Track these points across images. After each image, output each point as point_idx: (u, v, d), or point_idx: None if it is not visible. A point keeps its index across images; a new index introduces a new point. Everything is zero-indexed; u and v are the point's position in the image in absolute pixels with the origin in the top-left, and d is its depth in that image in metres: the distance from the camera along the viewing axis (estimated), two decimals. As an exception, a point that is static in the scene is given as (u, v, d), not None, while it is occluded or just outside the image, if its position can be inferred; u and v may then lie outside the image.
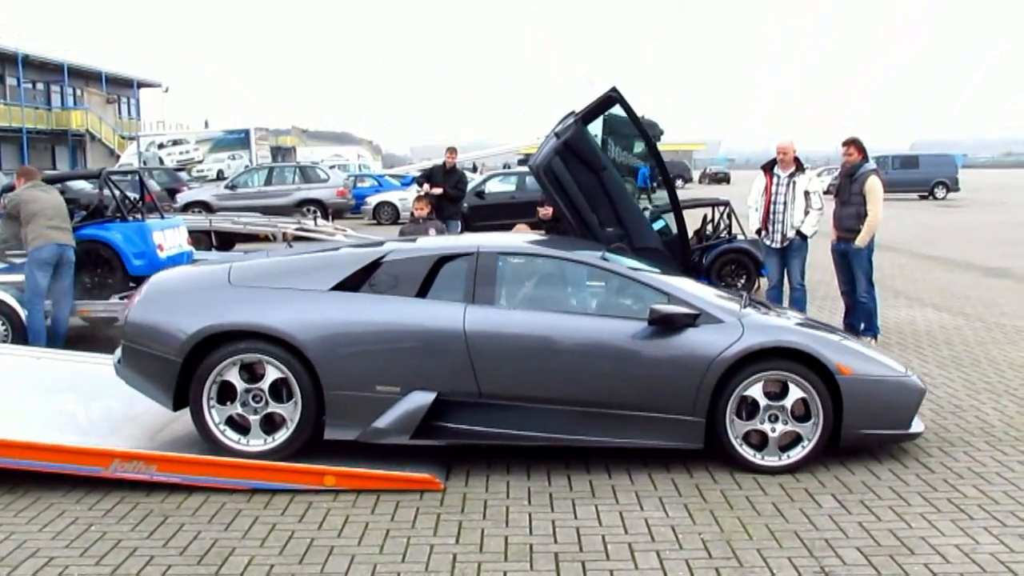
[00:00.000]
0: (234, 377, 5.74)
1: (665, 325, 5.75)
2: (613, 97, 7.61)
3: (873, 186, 9.39)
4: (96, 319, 9.95)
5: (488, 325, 5.78)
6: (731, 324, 5.83)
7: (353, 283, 5.98)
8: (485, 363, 5.72)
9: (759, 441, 5.79)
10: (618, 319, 5.92)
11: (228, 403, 5.78)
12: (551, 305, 6.17)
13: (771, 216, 9.65)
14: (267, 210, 22.13)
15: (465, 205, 20.36)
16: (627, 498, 5.37)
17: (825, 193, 11.61)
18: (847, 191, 9.60)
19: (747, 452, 5.76)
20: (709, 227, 13.71)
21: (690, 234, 13.14)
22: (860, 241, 9.43)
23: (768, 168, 9.79)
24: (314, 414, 5.72)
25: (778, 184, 9.61)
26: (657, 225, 8.34)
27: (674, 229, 8.07)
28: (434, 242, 6.68)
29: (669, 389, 5.74)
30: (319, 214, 23.77)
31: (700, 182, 69.71)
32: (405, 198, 28.38)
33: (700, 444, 5.78)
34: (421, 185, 15.40)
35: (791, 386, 5.74)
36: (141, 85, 64.56)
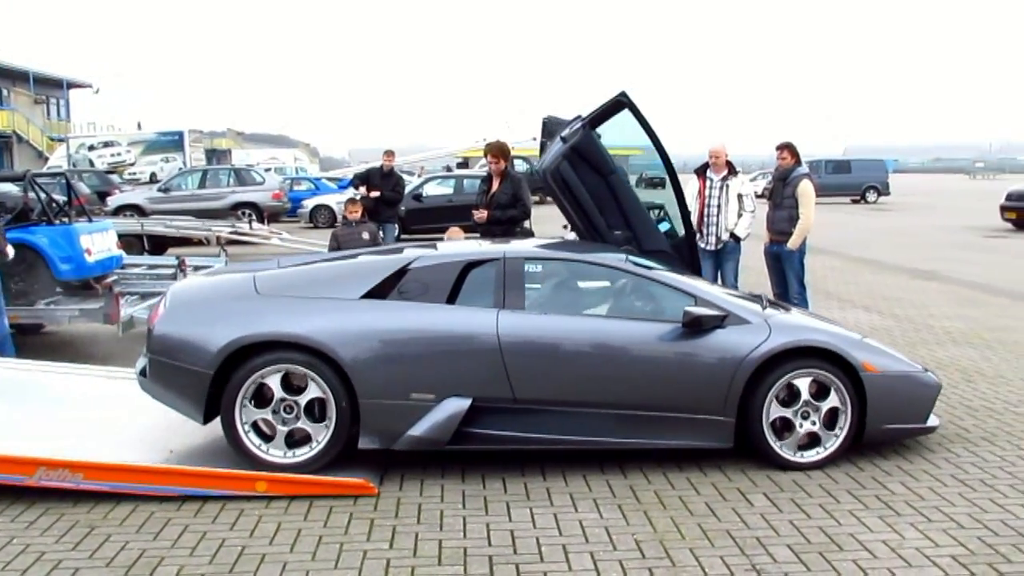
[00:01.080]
0: (268, 387, 5.63)
1: (696, 327, 5.82)
2: (622, 102, 7.60)
3: (805, 190, 9.55)
4: (22, 325, 9.72)
5: (521, 330, 5.78)
6: (758, 325, 5.93)
7: (382, 291, 5.94)
8: (519, 368, 5.71)
9: (790, 438, 5.91)
10: (648, 322, 5.97)
11: (260, 414, 5.66)
12: (580, 309, 6.20)
13: (705, 219, 9.76)
14: (201, 213, 21.81)
15: (402, 208, 20.29)
16: (561, 500, 5.38)
17: (759, 197, 11.77)
18: (780, 195, 9.75)
19: (783, 450, 5.88)
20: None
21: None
22: (792, 244, 9.57)
23: (701, 172, 9.91)
24: (348, 424, 5.64)
25: (711, 187, 9.73)
26: (663, 227, 8.38)
27: (679, 231, 8.11)
28: (457, 248, 6.65)
29: (701, 390, 5.82)
30: (254, 217, 23.54)
31: (637, 186, 69.80)
32: (342, 201, 28.06)
33: (730, 443, 5.86)
34: (356, 187, 15.30)
35: (822, 384, 5.89)
36: (71, 85, 63.34)
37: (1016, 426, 6.77)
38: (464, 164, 48.97)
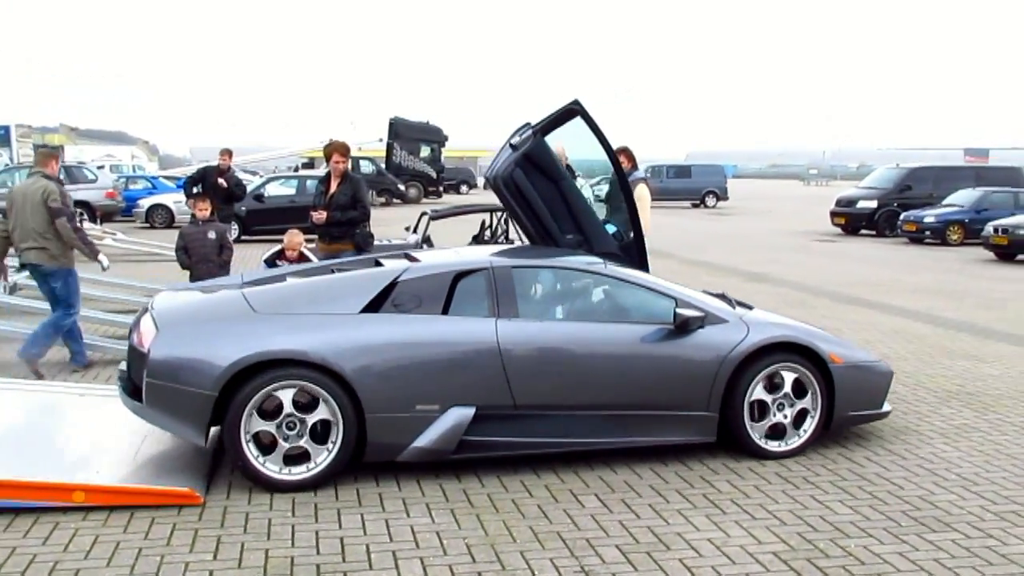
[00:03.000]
0: (270, 402, 5.44)
1: (685, 328, 6.03)
2: (575, 110, 7.62)
3: (641, 194, 9.72)
4: None
5: (518, 337, 5.85)
6: (735, 323, 6.23)
7: (377, 304, 5.84)
8: (519, 375, 5.79)
9: (769, 429, 6.22)
10: (637, 324, 6.14)
11: (265, 433, 5.47)
12: (571, 314, 6.37)
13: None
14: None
15: (243, 208, 19.81)
16: (394, 505, 5.32)
17: (598, 200, 11.89)
18: (617, 198, 9.89)
19: (762, 441, 6.19)
20: (487, 232, 13.86)
21: (468, 239, 13.32)
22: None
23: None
24: (355, 438, 5.52)
25: (552, 191, 9.80)
26: (609, 230, 8.43)
27: (627, 235, 8.19)
28: (440, 258, 6.57)
29: (689, 387, 6.08)
30: (86, 217, 22.68)
31: (484, 188, 70.24)
32: (180, 201, 27.36)
33: (713, 437, 6.16)
34: (190, 188, 14.81)
35: (794, 375, 6.23)
36: None
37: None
38: (309, 165, 48.26)
